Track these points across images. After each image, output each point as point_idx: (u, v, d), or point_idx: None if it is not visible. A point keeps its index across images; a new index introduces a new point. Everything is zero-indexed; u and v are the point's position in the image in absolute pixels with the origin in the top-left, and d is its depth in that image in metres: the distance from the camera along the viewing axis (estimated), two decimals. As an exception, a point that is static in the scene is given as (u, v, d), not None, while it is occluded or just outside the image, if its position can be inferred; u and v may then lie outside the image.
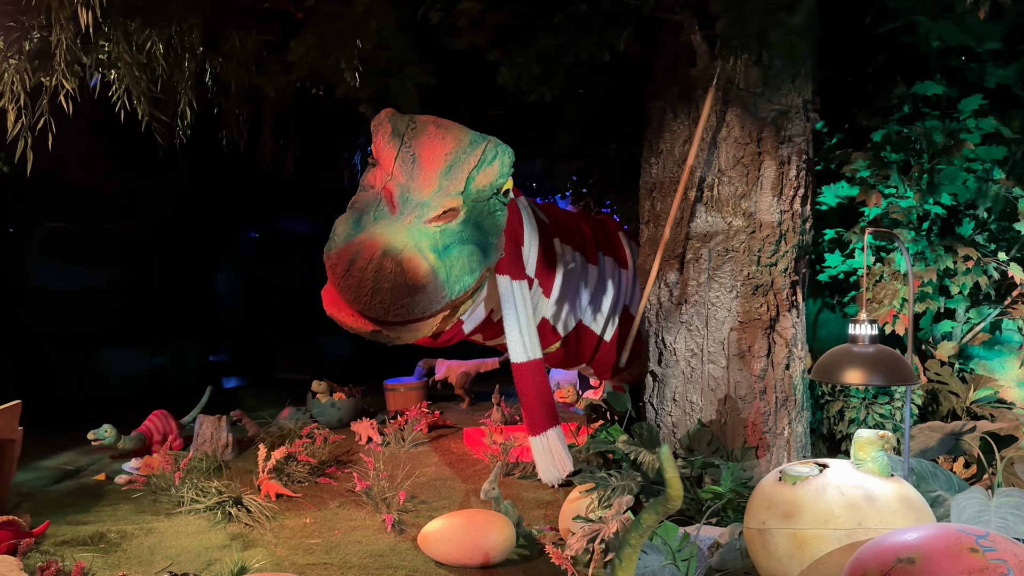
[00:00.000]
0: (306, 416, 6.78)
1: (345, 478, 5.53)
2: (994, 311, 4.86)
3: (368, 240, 2.99)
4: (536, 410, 4.13)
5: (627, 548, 2.39)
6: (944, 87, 4.30)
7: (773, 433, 4.10)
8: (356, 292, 2.94)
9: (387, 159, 3.29)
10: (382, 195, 3.27)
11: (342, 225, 3.20)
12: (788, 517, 2.56)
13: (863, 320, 2.81)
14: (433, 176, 3.19)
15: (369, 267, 2.91)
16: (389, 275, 2.89)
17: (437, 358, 8.10)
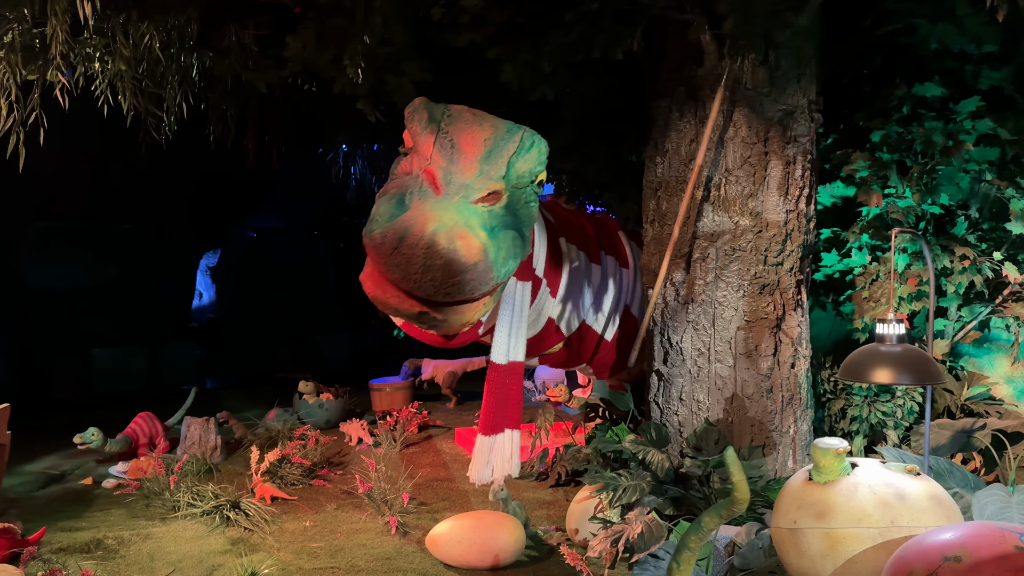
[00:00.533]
0: (293, 417, 6.68)
1: (339, 480, 5.46)
2: (985, 309, 4.95)
3: (418, 217, 2.88)
4: (496, 411, 4.17)
5: (686, 551, 2.38)
6: (943, 89, 4.35)
7: (779, 431, 4.13)
8: (406, 270, 2.83)
9: (424, 144, 3.21)
10: (423, 177, 3.18)
11: (384, 206, 3.08)
12: (820, 516, 2.57)
13: (891, 320, 2.83)
14: (474, 160, 3.13)
15: (420, 244, 2.81)
16: (441, 252, 2.80)
17: (423, 358, 8.04)
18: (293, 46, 4.85)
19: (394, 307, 2.98)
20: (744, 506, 2.28)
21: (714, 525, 2.38)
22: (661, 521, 3.02)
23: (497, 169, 3.15)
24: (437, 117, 3.26)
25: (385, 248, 2.91)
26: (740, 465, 2.23)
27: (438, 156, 3.14)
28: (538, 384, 8.30)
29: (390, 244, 2.89)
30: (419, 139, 3.24)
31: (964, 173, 4.40)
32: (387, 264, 2.91)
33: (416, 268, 2.83)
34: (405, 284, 2.88)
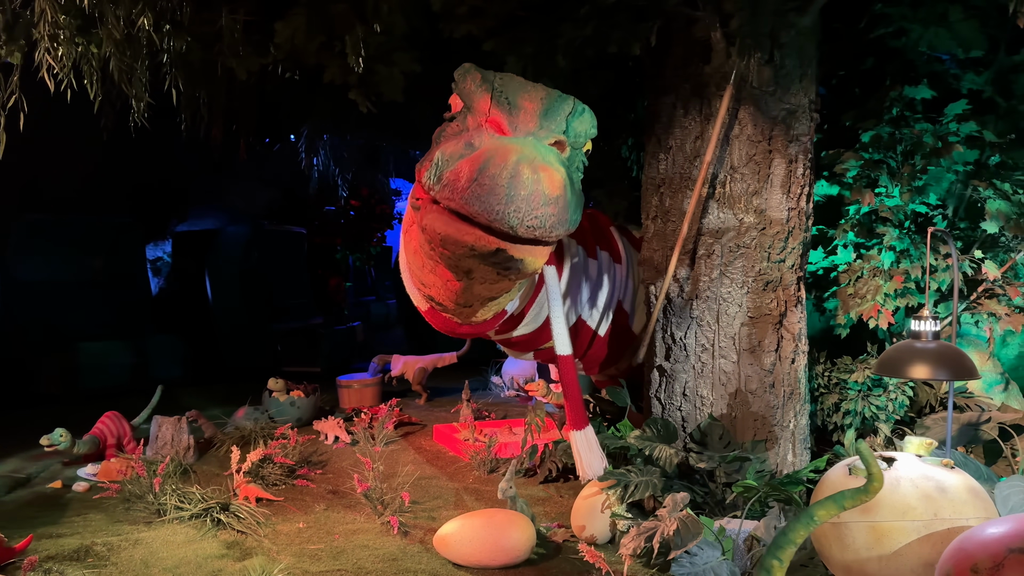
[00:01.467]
0: (264, 416, 6.49)
1: (322, 480, 5.34)
2: (962, 306, 5.12)
3: (497, 149, 2.74)
4: (581, 404, 4.08)
5: (789, 546, 2.37)
6: (933, 92, 4.48)
7: (781, 426, 4.19)
8: (487, 201, 2.68)
9: (481, 102, 3.09)
10: (486, 126, 3.06)
11: (450, 149, 2.91)
12: (865, 510, 2.61)
13: (926, 317, 2.89)
14: (534, 115, 3.03)
15: (504, 173, 2.66)
16: (527, 182, 2.66)
17: (392, 354, 7.92)
18: (283, 32, 4.70)
19: (470, 244, 2.78)
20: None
21: (829, 517, 2.39)
22: (697, 517, 3.03)
23: (558, 124, 3.06)
24: (490, 78, 3.18)
25: (462, 181, 2.74)
26: (873, 455, 2.25)
27: (497, 111, 3.05)
28: (506, 380, 8.26)
29: (468, 175, 2.73)
30: (473, 97, 3.12)
31: (952, 174, 4.54)
32: (465, 197, 2.72)
33: (499, 198, 2.67)
34: (485, 216, 2.69)
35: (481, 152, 2.73)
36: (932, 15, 4.32)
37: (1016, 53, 4.64)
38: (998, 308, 4.90)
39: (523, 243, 2.78)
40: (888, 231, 4.68)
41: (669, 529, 2.95)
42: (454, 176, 2.75)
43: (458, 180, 2.73)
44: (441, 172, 2.83)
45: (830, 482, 2.80)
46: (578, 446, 4.03)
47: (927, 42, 4.43)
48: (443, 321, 4.04)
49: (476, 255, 2.82)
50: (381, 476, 4.65)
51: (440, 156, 2.89)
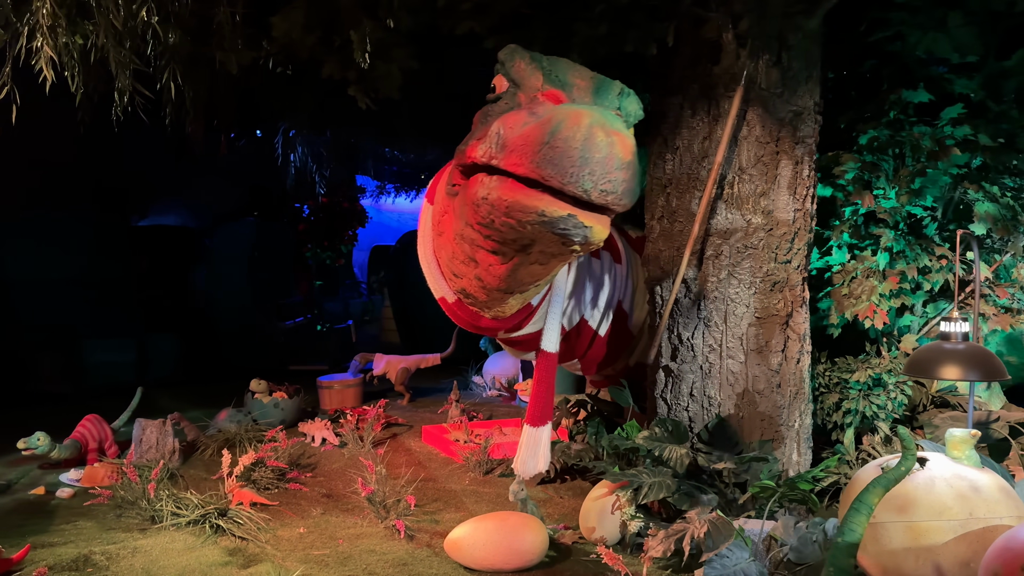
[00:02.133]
0: (248, 418, 6.35)
1: (314, 483, 5.23)
2: (949, 306, 5.22)
3: (571, 110, 2.64)
4: (545, 403, 4.06)
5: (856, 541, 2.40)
6: (931, 96, 4.56)
7: (787, 425, 4.22)
8: (560, 163, 2.59)
9: (532, 79, 3.03)
10: (543, 99, 2.99)
11: (512, 119, 2.81)
12: (902, 510, 2.63)
13: (956, 319, 2.93)
14: (588, 92, 2.98)
15: (578, 135, 2.56)
16: (601, 144, 2.57)
17: (375, 353, 7.81)
18: (280, 26, 4.59)
19: (540, 209, 2.67)
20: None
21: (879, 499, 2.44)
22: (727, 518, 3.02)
23: (611, 102, 3.03)
24: (538, 58, 3.13)
25: (532, 143, 2.64)
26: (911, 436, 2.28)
27: (551, 88, 3.00)
28: (488, 379, 8.21)
29: (538, 138, 2.63)
30: (523, 75, 3.06)
31: (948, 177, 4.62)
32: (536, 160, 2.63)
33: (573, 160, 2.58)
34: (559, 179, 2.60)
35: (552, 115, 2.64)
36: (931, 20, 4.39)
37: (1006, 58, 4.73)
38: (986, 308, 5.00)
39: (593, 210, 2.71)
40: (884, 232, 4.75)
41: (700, 531, 2.94)
42: (523, 140, 2.66)
43: (528, 144, 2.64)
44: (505, 139, 2.75)
45: (861, 482, 2.81)
46: (525, 441, 4.06)
47: (925, 47, 4.50)
48: (470, 315, 3.96)
49: (545, 221, 2.70)
50: (382, 479, 4.58)
51: (501, 127, 2.81)
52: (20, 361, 7.97)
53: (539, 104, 2.86)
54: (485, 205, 2.89)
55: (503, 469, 5.37)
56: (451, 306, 3.94)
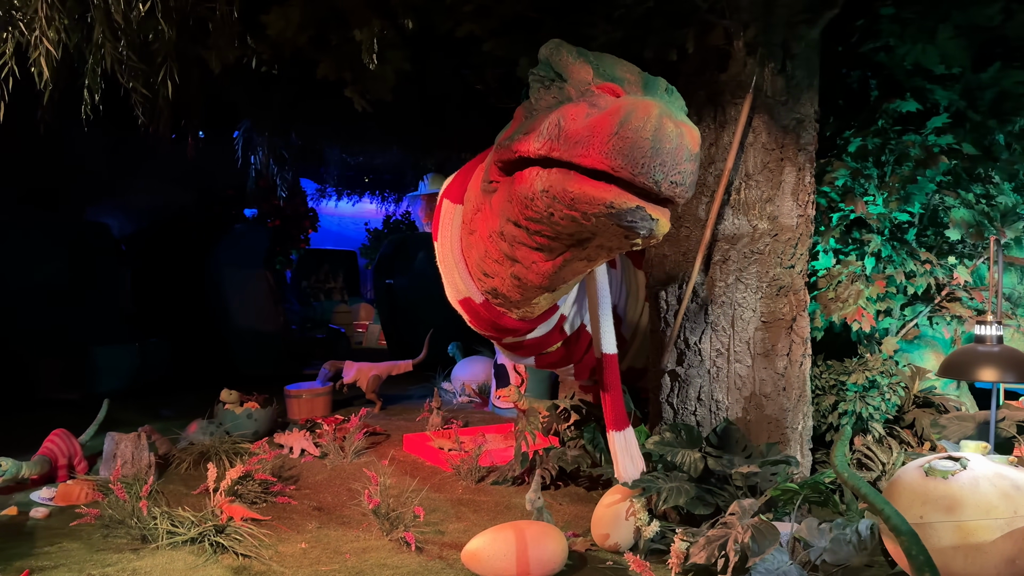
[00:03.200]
0: (220, 430, 6.12)
1: (301, 496, 5.07)
2: (927, 308, 5.39)
3: (638, 100, 2.59)
4: (621, 405, 4.00)
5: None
6: (919, 105, 4.70)
7: (791, 428, 4.29)
8: (630, 154, 2.53)
9: (581, 72, 2.95)
10: (600, 91, 2.92)
11: (571, 111, 2.75)
12: (950, 510, 2.69)
13: (990, 322, 3.01)
14: (638, 87, 2.92)
15: (648, 125, 2.51)
16: (671, 135, 2.53)
17: (344, 360, 7.64)
18: (275, 24, 4.44)
19: (608, 201, 2.60)
20: None
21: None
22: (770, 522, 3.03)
23: (661, 97, 2.93)
24: (584, 52, 3.06)
25: (600, 134, 2.58)
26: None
27: (603, 80, 2.94)
28: (457, 386, 8.12)
29: (607, 128, 2.57)
30: (571, 69, 2.97)
31: (934, 184, 4.77)
32: (605, 151, 2.57)
33: (644, 151, 2.53)
34: (629, 170, 2.55)
35: (619, 106, 2.59)
36: (921, 32, 4.52)
37: (983, 71, 4.92)
38: (963, 311, 5.19)
39: (662, 202, 2.68)
40: (872, 238, 4.88)
41: (744, 536, 2.94)
42: (589, 131, 2.60)
43: (596, 134, 2.58)
44: (568, 130, 2.69)
45: (905, 482, 2.87)
46: (618, 447, 3.97)
47: (914, 58, 4.64)
48: (494, 316, 3.86)
49: (613, 213, 2.64)
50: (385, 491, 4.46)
51: (561, 118, 2.74)
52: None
53: (598, 96, 2.81)
54: (544, 198, 2.82)
55: (495, 477, 5.31)
56: (476, 307, 3.85)
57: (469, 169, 3.93)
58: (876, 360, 4.68)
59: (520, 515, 4.66)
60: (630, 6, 3.72)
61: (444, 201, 4.02)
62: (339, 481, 5.43)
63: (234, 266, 9.30)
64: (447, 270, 3.95)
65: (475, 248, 3.57)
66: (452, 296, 4.02)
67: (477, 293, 3.74)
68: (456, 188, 3.95)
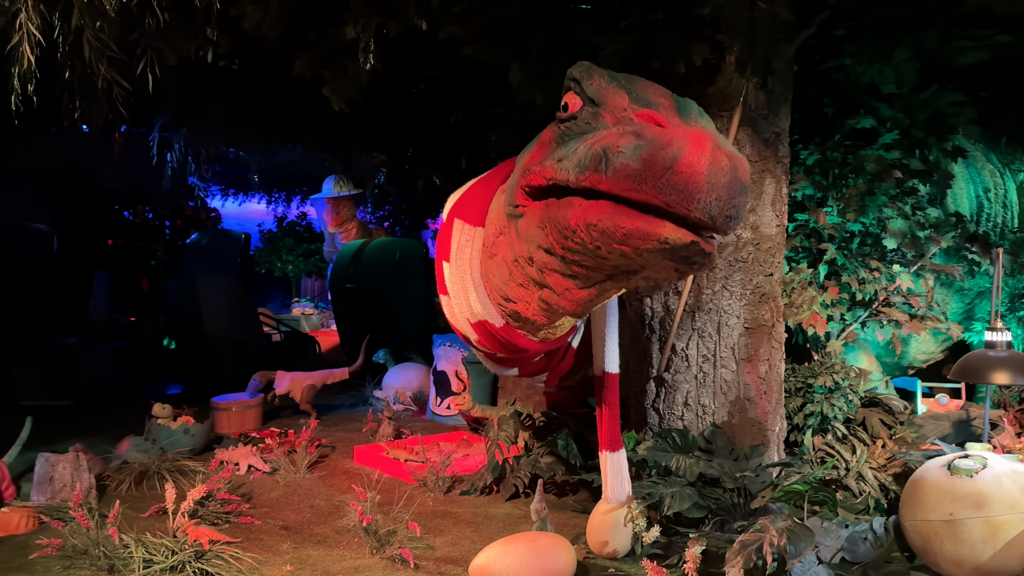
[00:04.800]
0: (156, 447, 5.72)
1: (262, 515, 4.81)
2: (864, 313, 5.73)
3: (690, 132, 2.52)
4: (618, 426, 3.97)
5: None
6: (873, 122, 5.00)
7: (771, 430, 4.45)
8: (686, 190, 2.47)
9: (617, 98, 2.88)
10: (641, 120, 2.84)
11: (622, 139, 2.65)
12: (979, 506, 2.86)
13: (1000, 328, 3.22)
14: (673, 112, 2.89)
15: (703, 159, 2.45)
16: (726, 169, 2.47)
17: (276, 370, 7.30)
18: (252, 16, 4.21)
19: (663, 237, 2.56)
20: None
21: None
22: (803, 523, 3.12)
23: (695, 122, 2.89)
24: (615, 76, 2.99)
25: (653, 169, 2.51)
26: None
27: (640, 107, 2.85)
28: (389, 394, 7.92)
29: (661, 163, 2.50)
30: (605, 93, 2.90)
31: (886, 197, 5.07)
32: (660, 186, 2.51)
33: (699, 186, 2.47)
34: (684, 206, 2.50)
35: (670, 139, 2.54)
36: (878, 53, 4.80)
37: (923, 91, 5.28)
38: (900, 315, 5.54)
39: (714, 234, 2.67)
40: (829, 247, 5.14)
41: (780, 539, 3.01)
42: (642, 165, 2.54)
43: (648, 169, 2.52)
44: (617, 164, 2.63)
45: (931, 481, 3.03)
46: (611, 469, 3.94)
47: (870, 77, 4.92)
48: (514, 337, 3.74)
49: (667, 249, 2.62)
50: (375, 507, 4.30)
51: (606, 150, 2.69)
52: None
53: (642, 126, 2.77)
54: (591, 231, 2.77)
55: (464, 487, 5.23)
56: (495, 330, 3.74)
57: (483, 189, 3.80)
58: (838, 363, 4.92)
59: (501, 525, 4.61)
60: (639, 17, 3.75)
61: (456, 221, 3.86)
62: (297, 498, 5.19)
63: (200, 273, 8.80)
64: (461, 293, 3.80)
65: (497, 273, 3.46)
66: (463, 318, 3.89)
67: (498, 317, 3.61)
68: (470, 208, 3.79)
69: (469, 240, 3.77)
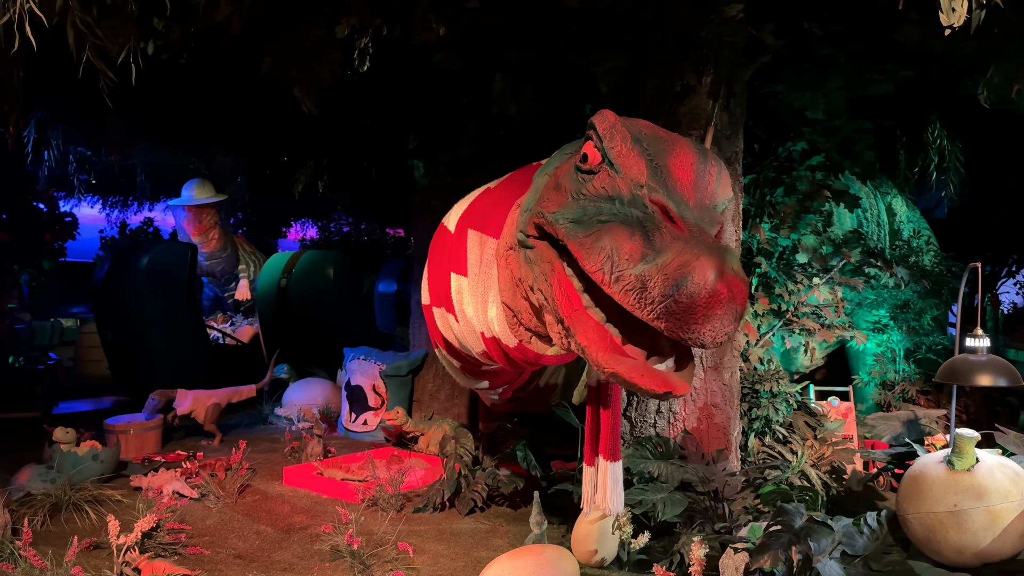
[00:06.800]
0: (63, 476, 5.15)
1: (208, 544, 4.46)
2: (778, 323, 6.14)
3: (696, 260, 2.51)
4: (619, 433, 3.93)
5: None
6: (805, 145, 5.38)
7: (732, 435, 4.66)
8: (682, 319, 2.48)
9: (635, 167, 2.82)
10: (654, 209, 2.79)
11: (626, 245, 2.64)
12: (979, 497, 3.16)
13: (980, 335, 3.55)
14: (690, 189, 2.89)
15: (703, 292, 2.46)
16: (724, 300, 2.50)
17: (176, 388, 6.76)
18: (224, 9, 3.93)
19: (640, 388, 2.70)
20: None
21: None
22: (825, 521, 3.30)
23: (711, 199, 2.94)
24: (639, 138, 2.91)
25: (655, 293, 2.53)
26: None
27: (654, 183, 2.82)
28: (292, 411, 7.53)
29: (662, 291, 2.52)
30: (624, 159, 2.87)
31: (814, 215, 5.48)
32: (658, 312, 2.54)
33: (696, 318, 2.51)
34: (679, 333, 2.54)
35: (675, 264, 2.54)
36: (813, 82, 5.18)
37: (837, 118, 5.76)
38: (813, 324, 5.99)
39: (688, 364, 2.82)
40: (762, 261, 5.47)
41: (804, 538, 3.17)
42: (642, 284, 2.56)
43: (649, 291, 2.54)
44: (622, 274, 2.64)
45: (932, 476, 3.30)
46: (610, 479, 3.92)
47: (803, 103, 5.30)
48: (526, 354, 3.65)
49: (641, 391, 2.72)
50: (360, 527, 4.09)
51: (616, 253, 2.66)
52: None
53: (653, 225, 2.73)
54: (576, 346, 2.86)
55: (417, 504, 5.09)
56: (510, 350, 3.66)
57: (499, 200, 3.71)
58: (778, 370, 5.24)
59: (471, 541, 4.54)
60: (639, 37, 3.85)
61: (473, 233, 3.74)
62: (237, 524, 4.85)
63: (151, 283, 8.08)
64: (480, 307, 3.69)
65: (507, 289, 3.41)
66: (476, 331, 3.79)
67: (511, 337, 3.55)
68: (491, 220, 3.69)
69: (478, 250, 3.70)
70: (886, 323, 7.14)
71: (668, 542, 4.09)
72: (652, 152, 2.92)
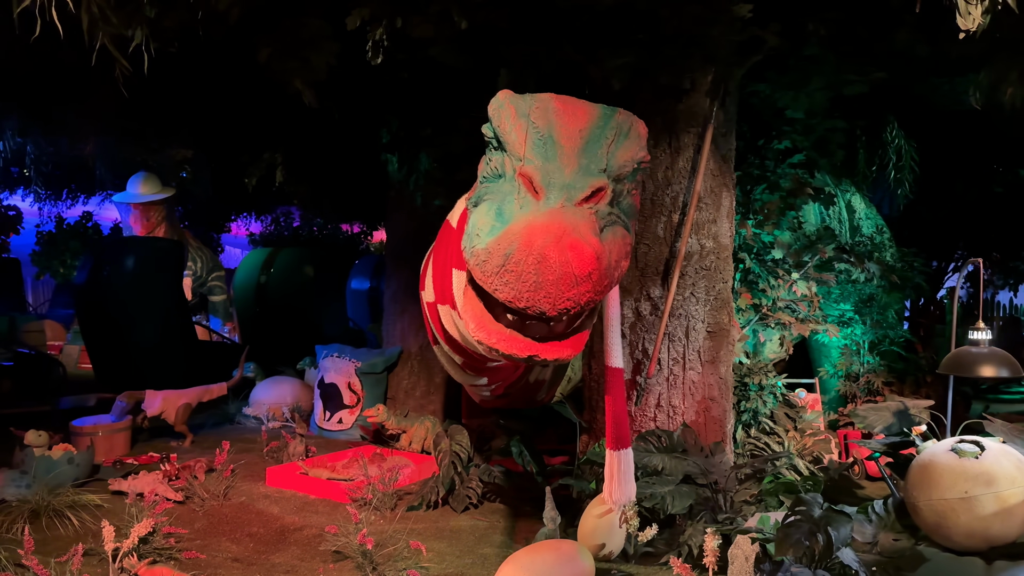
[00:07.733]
0: (38, 481, 4.93)
1: (203, 548, 4.34)
2: (755, 317, 6.28)
3: (522, 230, 2.58)
4: (626, 422, 3.90)
5: None
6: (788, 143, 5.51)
7: (728, 427, 4.75)
8: (517, 288, 2.56)
9: (516, 142, 2.82)
10: (519, 180, 2.85)
11: (483, 217, 2.72)
12: (989, 483, 3.29)
13: (982, 328, 3.69)
14: (572, 156, 2.79)
15: (529, 259, 2.53)
16: (554, 265, 2.53)
17: (145, 389, 6.54)
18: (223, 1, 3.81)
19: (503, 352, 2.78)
20: None
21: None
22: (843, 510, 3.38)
23: (597, 162, 2.84)
24: (524, 110, 2.87)
25: (491, 267, 2.63)
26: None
27: (532, 154, 2.79)
28: (261, 410, 7.36)
29: (496, 263, 2.61)
30: (510, 136, 2.84)
31: (793, 211, 5.61)
32: (495, 286, 2.63)
33: (528, 285, 2.57)
34: (518, 303, 2.63)
35: (507, 235, 2.63)
36: (796, 82, 5.30)
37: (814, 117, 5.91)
38: (788, 318, 6.14)
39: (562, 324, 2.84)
40: (746, 257, 5.59)
41: (824, 526, 3.25)
42: (485, 257, 2.66)
43: (488, 263, 2.64)
44: (475, 247, 2.69)
45: (942, 464, 3.42)
46: (620, 466, 3.92)
47: (785, 103, 5.43)
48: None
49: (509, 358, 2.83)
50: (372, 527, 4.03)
51: (475, 225, 2.75)
52: None
53: (508, 198, 2.79)
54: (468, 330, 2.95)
55: (411, 502, 5.04)
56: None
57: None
58: (762, 364, 5.36)
59: (472, 538, 4.52)
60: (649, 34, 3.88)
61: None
62: (228, 527, 4.73)
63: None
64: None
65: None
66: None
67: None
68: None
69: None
70: (851, 317, 7.36)
71: (671, 534, 4.14)
72: (540, 124, 2.84)
